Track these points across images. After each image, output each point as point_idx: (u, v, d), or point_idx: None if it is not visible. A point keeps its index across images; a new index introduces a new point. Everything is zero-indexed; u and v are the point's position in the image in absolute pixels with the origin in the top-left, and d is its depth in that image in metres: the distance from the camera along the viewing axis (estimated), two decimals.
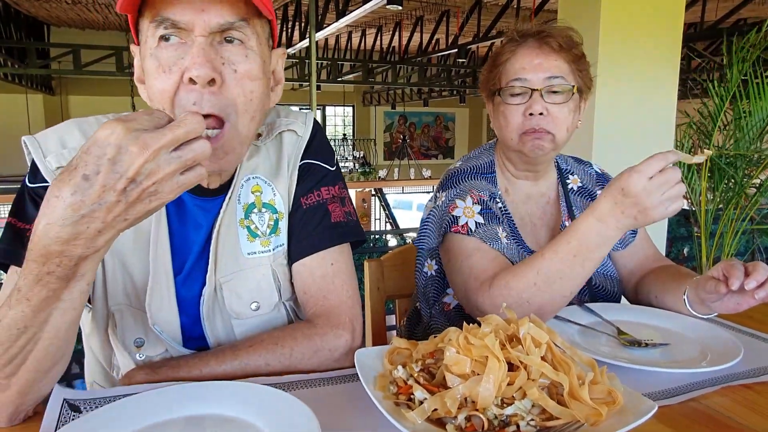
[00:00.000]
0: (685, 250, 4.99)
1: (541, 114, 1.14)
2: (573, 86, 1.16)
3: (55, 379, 0.73)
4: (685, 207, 4.41)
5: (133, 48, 0.85)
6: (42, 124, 11.70)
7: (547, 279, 0.96)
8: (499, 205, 1.23)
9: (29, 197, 0.85)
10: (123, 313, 0.89)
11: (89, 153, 0.57)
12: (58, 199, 0.57)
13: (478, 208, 1.17)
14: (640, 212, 0.89)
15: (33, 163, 0.85)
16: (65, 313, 0.66)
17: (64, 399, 0.73)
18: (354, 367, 0.77)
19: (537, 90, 1.14)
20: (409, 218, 14.28)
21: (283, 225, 0.98)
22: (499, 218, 1.18)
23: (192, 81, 0.75)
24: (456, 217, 1.15)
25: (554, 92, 1.14)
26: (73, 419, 0.69)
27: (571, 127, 1.19)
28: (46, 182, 0.84)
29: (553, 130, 1.15)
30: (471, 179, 1.24)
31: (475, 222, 1.14)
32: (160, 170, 0.58)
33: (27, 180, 0.86)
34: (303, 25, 9.35)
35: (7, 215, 0.87)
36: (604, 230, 0.92)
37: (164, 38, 0.76)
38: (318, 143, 1.01)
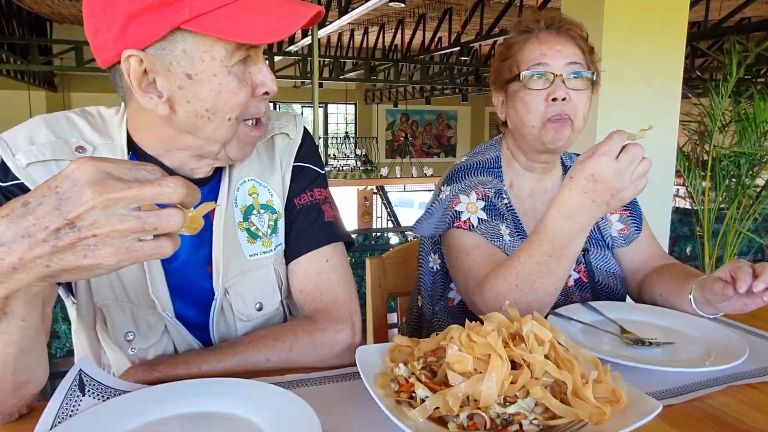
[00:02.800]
0: (688, 250, 4.98)
1: (563, 99, 1.13)
2: (592, 73, 1.16)
3: (30, 397, 0.68)
4: (687, 206, 4.40)
5: (135, 53, 0.73)
6: None
7: (527, 281, 0.95)
8: (505, 201, 1.23)
9: (3, 196, 0.82)
10: (110, 308, 0.87)
11: (48, 182, 0.52)
12: None
13: (482, 204, 1.16)
14: (613, 197, 0.86)
15: (3, 163, 0.83)
16: (7, 345, 0.61)
17: (80, 369, 0.70)
18: (355, 364, 0.76)
19: (558, 75, 1.13)
20: (411, 216, 14.28)
21: (281, 225, 0.99)
22: (503, 215, 1.18)
23: (266, 93, 0.83)
24: (459, 212, 1.15)
25: (574, 78, 1.14)
26: (76, 399, 0.68)
27: (587, 115, 1.18)
28: (18, 180, 0.81)
29: (573, 117, 1.14)
30: (476, 175, 1.23)
31: (478, 218, 1.14)
32: (108, 224, 0.51)
33: None
34: None
35: None
36: (574, 227, 0.90)
37: (243, 60, 0.80)
38: (308, 147, 1.03)
